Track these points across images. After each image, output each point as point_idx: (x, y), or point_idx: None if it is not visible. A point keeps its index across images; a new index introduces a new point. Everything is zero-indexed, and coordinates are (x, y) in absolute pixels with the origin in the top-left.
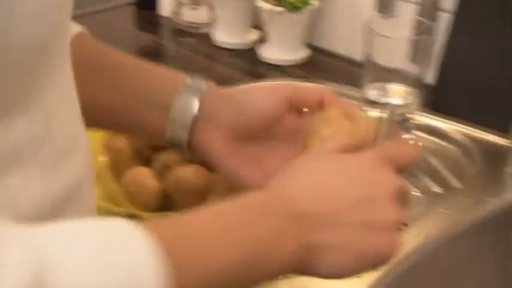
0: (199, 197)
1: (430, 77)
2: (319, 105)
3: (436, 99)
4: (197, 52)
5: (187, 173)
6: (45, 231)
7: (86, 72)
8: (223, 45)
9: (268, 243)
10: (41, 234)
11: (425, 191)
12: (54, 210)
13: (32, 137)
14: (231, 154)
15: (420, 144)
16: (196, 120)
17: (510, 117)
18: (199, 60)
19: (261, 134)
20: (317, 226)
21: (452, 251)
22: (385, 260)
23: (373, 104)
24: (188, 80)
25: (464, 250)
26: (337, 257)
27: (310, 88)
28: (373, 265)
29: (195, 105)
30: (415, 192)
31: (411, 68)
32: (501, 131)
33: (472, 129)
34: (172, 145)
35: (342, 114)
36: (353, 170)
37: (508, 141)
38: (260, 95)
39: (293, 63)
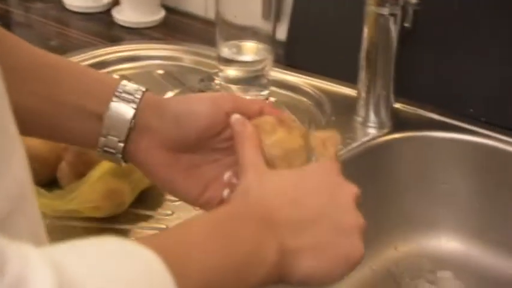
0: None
1: (282, 33)
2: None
3: (288, 55)
4: (48, 17)
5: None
6: (59, 251)
7: (11, 74)
8: (75, 9)
9: (251, 250)
10: (57, 254)
11: None
12: (4, 220)
13: None
14: (168, 165)
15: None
16: (131, 129)
17: (357, 69)
18: (50, 26)
19: (199, 145)
20: (291, 232)
21: None
22: (355, 263)
23: (228, 62)
24: (122, 86)
25: None
26: (312, 261)
27: (249, 101)
28: (345, 269)
29: (130, 112)
30: None
31: (263, 25)
32: (349, 82)
33: (323, 81)
34: (106, 155)
35: (276, 122)
36: (317, 177)
37: (356, 91)
38: (200, 108)
39: (149, 25)
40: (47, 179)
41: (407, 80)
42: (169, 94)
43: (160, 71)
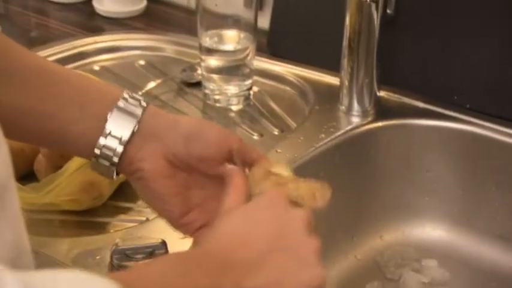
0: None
1: (265, 22)
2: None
3: (271, 44)
4: (28, 8)
5: None
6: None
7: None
8: (56, 0)
9: None
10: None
11: (263, 133)
12: None
13: None
14: (165, 177)
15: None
16: (135, 133)
17: (340, 58)
18: (30, 17)
19: (196, 168)
20: (246, 273)
21: None
22: (317, 285)
23: (210, 51)
24: (126, 93)
25: None
26: None
27: (251, 148)
28: None
29: (135, 117)
30: (253, 136)
31: (245, 14)
32: (333, 70)
33: (306, 70)
34: (99, 163)
35: (267, 172)
36: (264, 212)
37: (339, 80)
38: (212, 135)
39: (131, 15)
40: (24, 172)
41: (390, 67)
42: (152, 84)
43: (142, 62)
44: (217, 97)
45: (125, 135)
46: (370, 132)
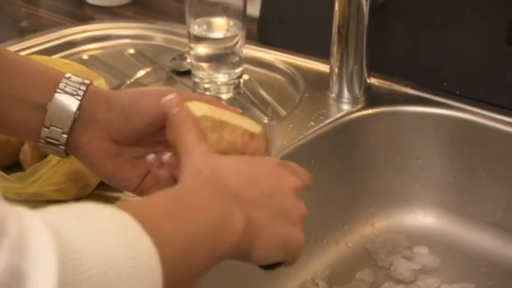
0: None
1: (255, 9)
2: None
3: (261, 31)
4: None
5: None
6: (51, 214)
7: None
8: None
9: (218, 217)
10: (50, 216)
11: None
12: None
13: None
14: (113, 157)
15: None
16: (75, 120)
17: (330, 45)
18: (20, 6)
19: (143, 137)
20: (252, 205)
21: None
22: (299, 251)
23: (199, 39)
24: (66, 79)
25: None
26: (270, 236)
27: (197, 96)
28: (291, 255)
29: (75, 104)
30: None
31: (234, 1)
32: (323, 58)
33: (296, 58)
34: (49, 147)
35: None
36: (264, 166)
37: (329, 67)
38: (147, 102)
39: (120, 3)
40: (9, 162)
41: (380, 54)
42: (141, 73)
43: (131, 50)
44: (207, 85)
45: (67, 124)
46: (360, 120)
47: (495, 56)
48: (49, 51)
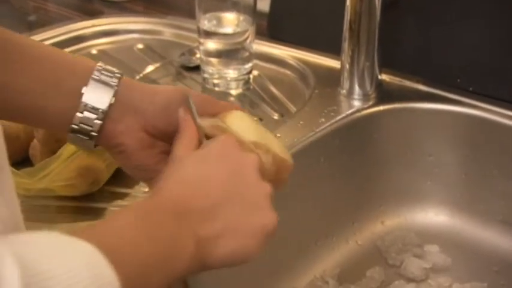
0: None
1: (265, 4)
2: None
3: (271, 27)
4: None
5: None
6: (21, 243)
7: None
8: None
9: (171, 240)
10: (20, 245)
11: (263, 118)
12: None
13: None
14: (145, 148)
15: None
16: (112, 106)
17: (340, 41)
18: (29, 0)
19: (173, 134)
20: (202, 221)
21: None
22: (272, 232)
23: (208, 34)
24: (102, 66)
25: (300, 169)
26: (230, 244)
27: (219, 102)
28: (263, 241)
29: (111, 90)
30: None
31: None
32: (334, 53)
33: (307, 54)
34: (77, 138)
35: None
36: (216, 157)
37: (339, 63)
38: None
39: None
40: (19, 158)
41: (392, 50)
42: (150, 68)
43: (140, 45)
44: (216, 81)
45: (102, 108)
46: (371, 116)
47: (509, 52)
48: (58, 46)
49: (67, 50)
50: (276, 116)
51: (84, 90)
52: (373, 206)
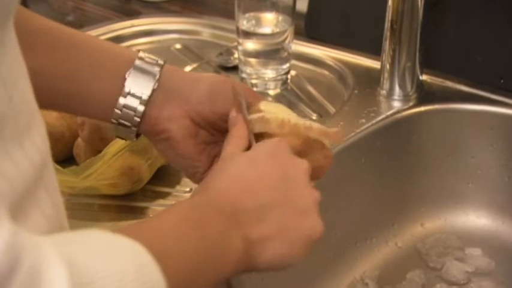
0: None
1: (302, 4)
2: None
3: (309, 27)
4: None
5: (50, 118)
6: (63, 243)
7: (27, 39)
8: None
9: (219, 239)
10: (63, 246)
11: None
12: (28, 190)
13: None
14: (189, 136)
15: (294, 72)
16: (156, 91)
17: (381, 41)
18: (67, 1)
19: (215, 124)
20: (252, 222)
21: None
22: (315, 240)
23: (247, 34)
24: (142, 53)
25: (341, 170)
26: (277, 248)
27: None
28: (309, 248)
29: (154, 75)
30: None
31: None
32: (373, 54)
33: (345, 54)
34: (119, 127)
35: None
36: (267, 160)
37: (379, 63)
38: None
39: None
40: (63, 156)
41: (433, 50)
42: (187, 68)
43: (178, 45)
44: (254, 81)
45: (146, 93)
46: (412, 117)
47: None
48: None
49: None
50: (314, 117)
51: (127, 74)
52: (413, 208)
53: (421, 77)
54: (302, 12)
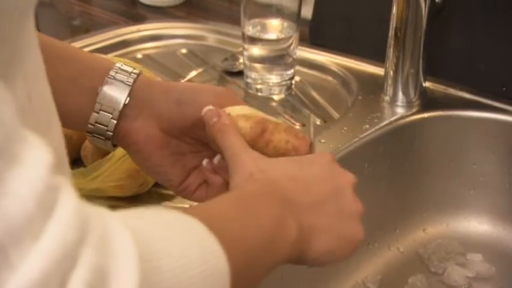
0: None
1: (307, 10)
2: None
3: (313, 33)
4: None
5: None
6: (130, 218)
7: None
8: None
9: (276, 224)
10: (132, 219)
11: (305, 123)
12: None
13: (18, 110)
14: (160, 147)
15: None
16: (127, 105)
17: (385, 47)
18: (73, 5)
19: (189, 133)
20: (305, 212)
21: None
22: (357, 245)
23: (253, 40)
24: (119, 65)
25: None
26: (324, 241)
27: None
28: (348, 250)
29: (125, 89)
30: (296, 126)
31: (288, 2)
32: (376, 60)
33: (349, 60)
34: (95, 137)
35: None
36: (318, 167)
37: (383, 70)
38: (205, 99)
39: (173, 3)
40: (70, 159)
41: (437, 58)
42: (193, 73)
43: (184, 50)
44: (259, 86)
45: (117, 108)
46: (415, 124)
47: None
48: (104, 50)
49: (113, 54)
50: (318, 122)
51: (99, 89)
52: (416, 213)
53: (424, 84)
54: (307, 18)
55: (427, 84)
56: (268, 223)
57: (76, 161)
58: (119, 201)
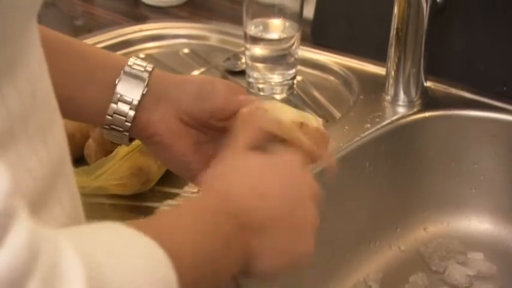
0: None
1: (309, 10)
2: None
3: (315, 33)
4: None
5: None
6: (79, 239)
7: None
8: None
9: (226, 240)
10: (78, 241)
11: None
12: (50, 185)
13: (22, 109)
14: (179, 136)
15: (301, 78)
16: (145, 96)
17: (386, 47)
18: (76, 5)
19: (207, 123)
20: (256, 232)
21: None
22: (305, 257)
23: (255, 40)
24: (134, 59)
25: (345, 174)
26: (269, 259)
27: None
28: (295, 263)
29: (143, 81)
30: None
31: (290, 2)
32: (378, 60)
33: (351, 60)
34: (111, 132)
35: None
36: (282, 171)
37: (385, 70)
38: (222, 90)
39: (175, 3)
40: (74, 157)
41: (438, 57)
42: (195, 73)
43: (186, 50)
44: (261, 86)
45: (135, 98)
46: (416, 123)
47: None
48: (107, 49)
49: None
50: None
51: (117, 81)
52: (417, 212)
53: (425, 84)
54: (309, 18)
55: (428, 83)
56: (219, 241)
57: (79, 160)
58: (122, 199)
